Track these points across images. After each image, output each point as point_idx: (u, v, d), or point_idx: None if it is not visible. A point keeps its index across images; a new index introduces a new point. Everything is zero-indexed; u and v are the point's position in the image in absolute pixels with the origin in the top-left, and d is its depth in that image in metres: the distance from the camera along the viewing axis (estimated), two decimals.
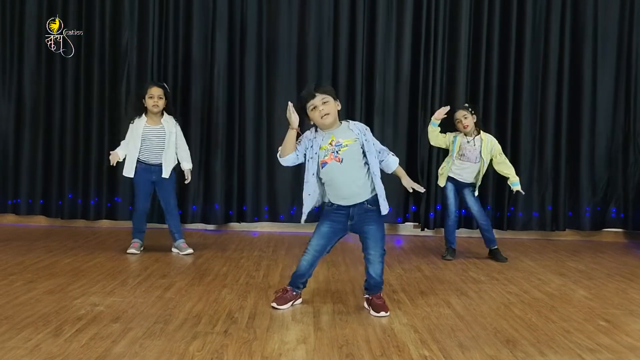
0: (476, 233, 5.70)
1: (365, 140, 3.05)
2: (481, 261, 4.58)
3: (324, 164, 3.02)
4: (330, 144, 3.02)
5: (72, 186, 5.77)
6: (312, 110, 3.02)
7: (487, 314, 3.12)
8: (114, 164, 4.48)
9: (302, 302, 3.21)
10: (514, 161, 5.30)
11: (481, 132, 4.59)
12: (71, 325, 2.71)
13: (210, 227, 5.82)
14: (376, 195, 3.06)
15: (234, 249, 4.81)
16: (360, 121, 3.77)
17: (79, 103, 5.74)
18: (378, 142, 3.15)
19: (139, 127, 4.40)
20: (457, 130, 4.61)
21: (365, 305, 3.16)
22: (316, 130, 3.09)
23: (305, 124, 3.07)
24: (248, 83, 5.73)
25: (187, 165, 4.54)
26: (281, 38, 5.73)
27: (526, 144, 5.70)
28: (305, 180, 3.10)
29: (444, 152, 5.70)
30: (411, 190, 3.22)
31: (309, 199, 3.12)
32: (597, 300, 3.48)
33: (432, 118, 4.61)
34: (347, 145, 3.02)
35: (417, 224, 5.85)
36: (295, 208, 5.77)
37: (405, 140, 5.74)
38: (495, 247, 4.65)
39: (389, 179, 3.29)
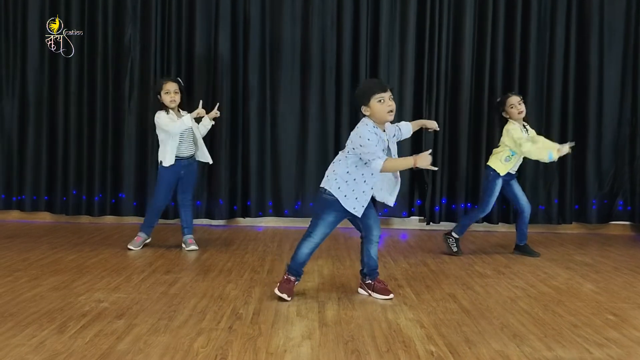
0: (482, 227, 5.70)
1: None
2: (487, 255, 4.56)
3: None
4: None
5: (77, 182, 5.76)
6: (379, 101, 3.00)
7: (493, 308, 3.10)
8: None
9: (306, 297, 3.21)
10: None
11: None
12: (76, 321, 2.71)
13: (215, 222, 5.81)
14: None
15: (239, 244, 4.81)
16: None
17: (83, 99, 5.73)
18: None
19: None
20: (508, 119, 4.34)
21: (366, 291, 3.26)
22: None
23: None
24: (251, 78, 5.70)
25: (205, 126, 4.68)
26: (284, 33, 5.70)
27: None
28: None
29: (450, 148, 5.69)
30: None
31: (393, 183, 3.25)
32: (605, 293, 3.46)
33: (559, 151, 4.10)
34: None
35: (422, 217, 5.83)
36: (299, 203, 5.76)
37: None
38: (526, 242, 4.61)
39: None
